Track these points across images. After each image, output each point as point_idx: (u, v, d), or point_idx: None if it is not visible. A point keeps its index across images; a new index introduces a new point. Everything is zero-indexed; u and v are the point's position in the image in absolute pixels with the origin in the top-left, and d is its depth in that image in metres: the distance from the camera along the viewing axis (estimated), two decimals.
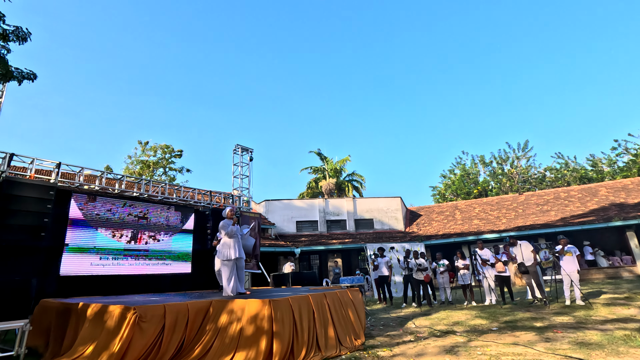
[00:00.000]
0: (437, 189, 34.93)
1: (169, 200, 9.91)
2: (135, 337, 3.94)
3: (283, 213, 19.89)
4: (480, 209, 20.83)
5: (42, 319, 5.56)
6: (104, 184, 8.85)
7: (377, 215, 20.58)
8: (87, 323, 4.53)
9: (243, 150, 12.48)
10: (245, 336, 4.25)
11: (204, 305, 4.72)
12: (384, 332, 6.05)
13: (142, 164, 27.42)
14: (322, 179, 28.68)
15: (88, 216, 8.09)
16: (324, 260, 18.56)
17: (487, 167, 33.11)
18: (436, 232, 18.65)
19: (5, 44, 5.55)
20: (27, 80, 6.03)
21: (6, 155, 7.08)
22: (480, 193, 30.85)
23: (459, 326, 6.12)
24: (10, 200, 6.63)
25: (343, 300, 5.68)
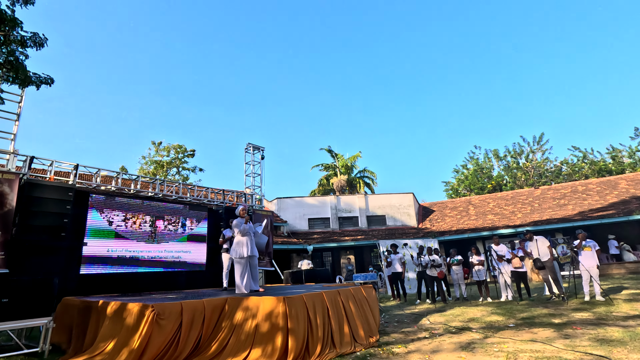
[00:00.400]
0: (450, 184, 34.49)
1: (183, 199, 10.06)
2: (154, 334, 4.03)
3: (295, 210, 19.97)
4: (495, 204, 20.50)
5: (64, 317, 5.73)
6: (120, 185, 9.03)
7: (389, 211, 20.47)
8: (107, 320, 4.66)
9: (254, 148, 12.56)
10: (260, 333, 4.30)
11: (220, 302, 4.79)
12: (399, 328, 6.03)
13: (156, 164, 27.87)
14: (334, 176, 28.65)
15: (106, 216, 8.28)
16: (336, 257, 18.58)
17: (501, 161, 32.51)
18: (449, 228, 18.45)
19: (23, 50, 5.71)
20: (44, 84, 6.19)
21: (27, 158, 7.29)
22: (494, 188, 30.35)
23: (475, 322, 6.05)
24: (31, 201, 6.83)
25: (357, 297, 5.68)
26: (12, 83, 6.00)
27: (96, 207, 8.19)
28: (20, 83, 5.97)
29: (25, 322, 4.51)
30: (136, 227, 8.74)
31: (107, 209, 8.34)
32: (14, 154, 7.04)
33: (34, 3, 5.58)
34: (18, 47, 5.67)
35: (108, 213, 8.35)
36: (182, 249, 9.49)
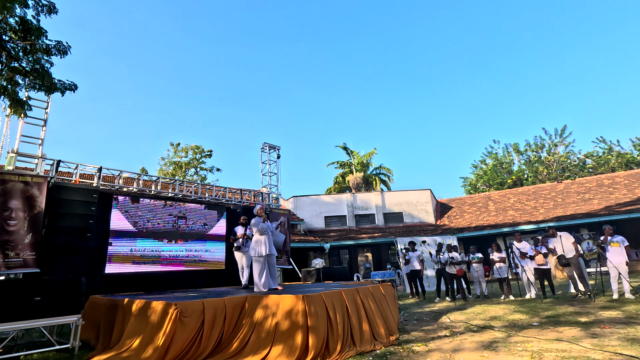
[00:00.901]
0: (468, 179, 33.86)
1: (202, 199, 10.24)
2: (178, 332, 4.14)
3: (311, 209, 20.03)
4: (516, 199, 20.00)
5: (92, 314, 5.95)
6: (141, 186, 9.28)
7: (406, 208, 20.27)
8: (133, 318, 4.81)
9: (270, 148, 12.66)
10: (280, 331, 4.35)
11: (240, 300, 4.87)
12: (418, 326, 5.98)
13: (175, 165, 28.47)
14: (349, 174, 28.57)
15: (129, 217, 8.52)
16: (353, 254, 18.54)
17: (521, 155, 31.66)
18: (468, 225, 18.12)
19: (48, 58, 5.92)
20: (68, 90, 6.41)
21: (54, 162, 7.58)
22: (514, 183, 29.60)
23: (497, 321, 5.94)
24: (59, 204, 7.11)
25: (376, 295, 5.67)
26: (38, 90, 6.23)
27: (119, 208, 8.44)
28: (46, 90, 6.19)
29: (57, 319, 4.70)
30: (157, 227, 8.96)
31: (129, 209, 8.59)
32: (42, 158, 7.33)
33: (57, 12, 5.77)
34: (44, 56, 5.88)
35: (131, 214, 8.59)
36: (201, 248, 9.67)
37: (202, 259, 9.63)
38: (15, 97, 6.25)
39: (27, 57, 5.96)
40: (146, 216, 8.82)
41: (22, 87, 6.40)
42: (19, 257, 6.30)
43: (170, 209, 9.28)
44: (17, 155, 7.09)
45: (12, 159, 6.95)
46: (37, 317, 4.52)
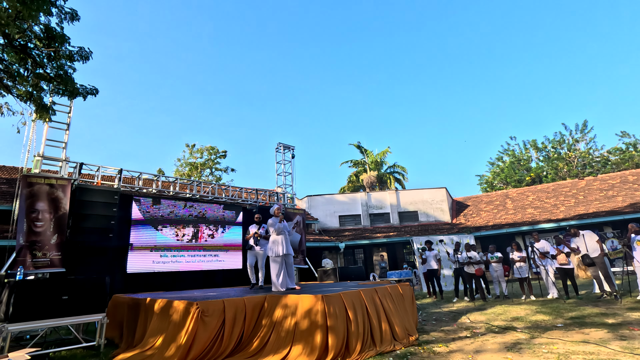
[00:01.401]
0: (485, 177, 33.26)
1: (218, 199, 10.38)
2: (200, 331, 4.20)
3: (325, 208, 20.03)
4: (535, 197, 19.53)
5: (115, 313, 6.10)
6: (160, 187, 9.46)
7: (421, 207, 20.06)
8: (155, 317, 4.91)
9: (285, 148, 12.72)
10: (300, 330, 4.36)
11: (259, 300, 4.91)
12: (438, 327, 5.91)
13: (191, 166, 28.92)
14: (363, 172, 28.45)
15: (149, 217, 8.70)
16: (368, 254, 18.46)
17: (540, 152, 30.87)
18: (486, 223, 17.79)
19: (71, 63, 6.10)
20: (90, 95, 6.59)
21: (77, 164, 7.81)
22: (533, 180, 28.90)
23: (519, 322, 5.81)
24: (82, 205, 7.33)
25: (394, 295, 5.63)
26: (62, 95, 6.43)
27: (139, 209, 8.63)
28: (69, 95, 6.38)
29: (83, 317, 4.84)
30: (175, 227, 9.13)
31: (149, 210, 8.77)
32: (65, 161, 7.56)
33: (79, 19, 5.94)
34: (67, 62, 6.07)
35: (151, 214, 8.77)
36: (218, 247, 9.80)
37: (220, 259, 9.76)
38: (41, 102, 6.46)
39: (51, 63, 6.15)
40: (166, 216, 8.99)
41: (47, 93, 6.62)
42: (46, 257, 6.52)
43: (187, 209, 9.44)
44: (42, 159, 7.33)
45: (38, 162, 7.19)
46: (64, 316, 4.67)
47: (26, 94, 6.38)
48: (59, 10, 5.65)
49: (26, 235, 6.48)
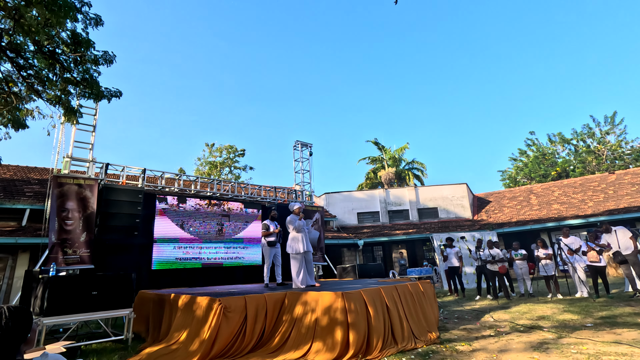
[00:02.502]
0: (507, 172, 32.33)
1: (238, 197, 10.53)
2: (222, 326, 4.29)
3: (343, 205, 19.99)
4: (561, 192, 18.85)
5: (141, 308, 6.31)
6: (182, 186, 9.68)
7: (441, 203, 19.72)
8: (179, 312, 5.04)
9: (303, 145, 12.76)
10: (320, 327, 4.38)
11: (280, 297, 4.96)
12: (460, 325, 5.81)
13: (210, 165, 29.47)
14: (381, 169, 28.22)
15: (172, 215, 8.93)
16: (387, 251, 18.32)
17: (566, 145, 29.71)
18: (509, 219, 17.32)
19: (96, 67, 6.32)
20: (114, 97, 6.81)
21: (103, 165, 8.09)
22: (559, 175, 27.87)
23: (545, 321, 5.64)
24: (108, 204, 7.60)
25: (415, 293, 5.57)
26: (88, 98, 6.67)
27: (163, 207, 8.86)
28: (94, 98, 6.62)
29: (111, 312, 5.03)
30: (197, 224, 9.33)
31: (171, 208, 9.00)
32: (92, 162, 7.85)
33: (103, 24, 6.14)
34: (92, 66, 6.29)
35: (173, 212, 9.00)
36: (239, 245, 9.96)
37: (240, 255, 9.92)
38: (69, 105, 6.73)
39: (78, 67, 6.39)
40: (188, 214, 9.20)
41: (74, 96, 6.89)
42: (75, 254, 6.80)
43: (208, 206, 9.63)
44: (71, 160, 7.63)
45: (67, 164, 7.49)
46: (94, 310, 4.87)
47: (55, 97, 6.66)
48: (84, 16, 5.85)
49: (57, 234, 6.78)
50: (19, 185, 11.71)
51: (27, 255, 9.72)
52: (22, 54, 6.42)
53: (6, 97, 7.05)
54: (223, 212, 9.82)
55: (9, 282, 9.46)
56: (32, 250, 9.63)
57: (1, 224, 9.95)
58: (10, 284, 9.41)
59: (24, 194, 10.98)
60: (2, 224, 9.97)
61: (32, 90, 6.84)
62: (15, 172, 13.15)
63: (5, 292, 9.31)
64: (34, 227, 9.86)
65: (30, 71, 6.64)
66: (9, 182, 11.84)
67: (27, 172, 13.52)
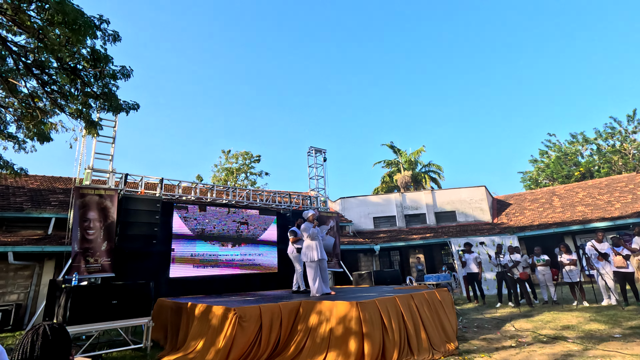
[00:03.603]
0: (528, 173, 31.41)
1: (253, 204, 10.62)
2: (238, 335, 4.31)
3: (359, 210, 19.87)
4: (585, 194, 18.17)
5: (159, 316, 6.43)
6: (198, 194, 9.85)
7: (459, 206, 19.33)
8: (196, 321, 5.11)
9: (317, 151, 12.79)
10: (335, 336, 4.35)
11: (295, 306, 4.96)
12: (479, 334, 5.65)
13: (227, 171, 29.89)
14: (397, 172, 27.95)
15: (189, 224, 9.08)
16: (404, 256, 18.07)
17: (590, 145, 28.65)
18: (530, 223, 16.80)
19: (114, 82, 6.53)
20: (132, 110, 7.01)
21: (122, 175, 8.32)
22: (583, 175, 26.89)
23: (570, 331, 5.42)
24: (127, 213, 7.80)
25: (432, 301, 5.46)
26: (107, 111, 6.90)
27: (180, 216, 9.03)
28: (113, 111, 6.83)
29: (131, 321, 5.14)
30: (214, 231, 9.45)
31: (189, 217, 9.16)
32: (112, 173, 8.08)
33: (121, 39, 6.34)
34: (111, 80, 6.50)
35: (190, 220, 9.15)
36: (255, 252, 10.03)
37: (256, 262, 9.99)
38: (89, 118, 6.97)
39: (97, 82, 6.62)
40: (205, 222, 9.34)
41: (94, 110, 7.13)
42: (97, 263, 7.00)
43: (225, 214, 9.75)
44: (92, 171, 7.88)
45: (88, 175, 7.74)
46: (114, 319, 4.98)
47: (77, 111, 6.92)
48: (103, 33, 6.05)
49: (80, 243, 7.00)
50: (45, 195, 12.17)
51: (52, 262, 10.07)
52: (46, 70, 6.71)
53: (32, 112, 7.38)
54: (239, 219, 9.92)
55: (36, 289, 9.81)
56: (57, 258, 9.97)
57: (29, 232, 10.36)
58: (37, 291, 9.76)
59: (50, 203, 11.40)
60: (30, 232, 10.38)
61: (55, 105, 7.12)
62: (42, 182, 13.68)
63: (32, 299, 9.66)
64: (59, 235, 10.21)
65: (54, 86, 6.93)
66: (36, 192, 12.33)
67: (52, 181, 14.05)
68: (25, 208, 10.57)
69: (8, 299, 9.36)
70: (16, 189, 12.15)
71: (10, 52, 6.27)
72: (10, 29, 6.69)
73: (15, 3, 5.26)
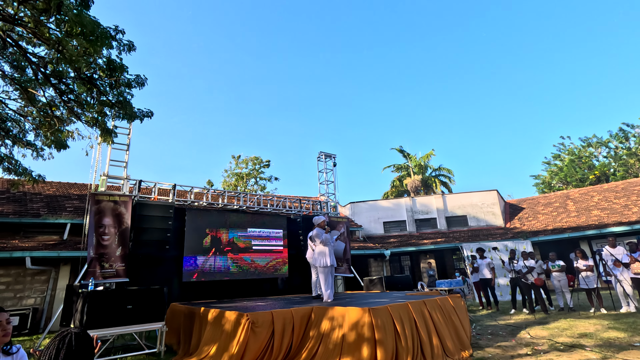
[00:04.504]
0: (541, 177, 30.92)
1: (264, 210, 10.68)
2: (251, 341, 4.33)
3: (369, 214, 19.79)
4: (601, 197, 17.79)
5: (173, 321, 6.49)
6: (210, 200, 9.95)
7: (470, 211, 19.11)
8: (209, 326, 5.15)
9: (326, 156, 12.82)
10: (347, 343, 4.33)
11: (306, 312, 4.96)
12: (494, 342, 5.56)
13: (237, 176, 30.12)
14: (407, 177, 27.79)
15: (199, 228, 9.17)
16: (415, 261, 17.91)
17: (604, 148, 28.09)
18: (544, 227, 16.50)
19: (129, 90, 6.68)
20: (146, 117, 7.15)
21: (136, 182, 8.46)
22: (598, 178, 26.34)
23: (588, 339, 5.29)
24: (141, 219, 7.92)
25: (445, 308, 5.40)
26: (122, 119, 7.05)
27: (192, 221, 9.13)
28: (128, 118, 6.98)
29: (145, 325, 5.21)
30: (225, 236, 9.52)
31: (200, 221, 9.25)
32: (127, 179, 8.23)
33: (135, 49, 6.49)
34: (125, 89, 6.65)
35: (201, 226, 9.24)
36: (265, 257, 10.06)
37: (267, 267, 10.02)
38: (104, 126, 7.13)
39: (113, 91, 6.78)
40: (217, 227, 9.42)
41: (109, 118, 7.30)
42: (112, 268, 7.12)
43: (236, 219, 9.82)
44: (107, 178, 8.04)
45: (103, 181, 7.90)
46: (129, 324, 5.06)
47: (92, 119, 7.08)
48: (118, 43, 6.21)
49: (95, 248, 7.13)
50: (61, 201, 12.45)
51: (68, 267, 10.27)
52: (64, 80, 6.90)
53: (50, 120, 7.58)
54: (251, 224, 9.99)
55: (52, 293, 10.01)
56: (72, 263, 10.16)
57: (45, 237, 10.59)
58: (53, 295, 9.95)
59: (65, 209, 11.65)
60: (46, 237, 10.60)
61: (72, 113, 7.31)
62: (58, 188, 14.00)
63: (48, 303, 9.85)
64: (75, 240, 10.42)
65: (71, 96, 7.11)
66: (52, 198, 12.61)
67: (67, 188, 14.37)
68: (42, 214, 10.82)
69: (25, 303, 9.56)
70: (33, 195, 12.45)
71: (30, 63, 6.48)
72: (30, 40, 6.92)
73: (35, 16, 5.44)
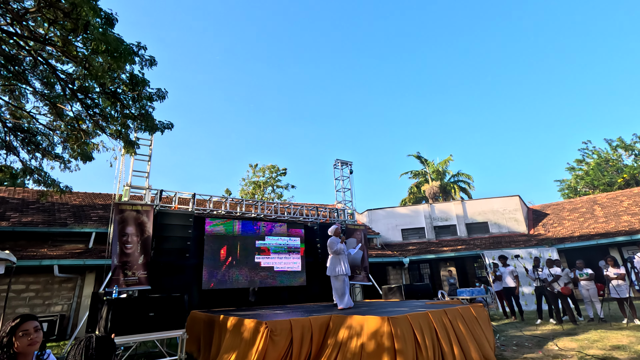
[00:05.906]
0: (566, 182, 29.88)
1: (281, 217, 10.75)
2: (269, 349, 4.34)
3: (387, 222, 19.60)
4: (631, 202, 17.02)
5: (193, 328, 6.57)
6: (229, 208, 10.10)
7: (491, 217, 18.63)
8: (228, 334, 5.19)
9: (343, 164, 12.82)
10: (367, 352, 4.27)
11: (325, 320, 4.94)
12: (519, 353, 5.37)
13: (254, 185, 30.48)
14: (424, 183, 27.42)
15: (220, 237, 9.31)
16: (435, 269, 17.55)
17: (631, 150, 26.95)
18: (570, 234, 15.90)
19: (151, 103, 6.92)
20: (167, 129, 7.38)
21: (158, 191, 8.70)
22: (627, 182, 25.24)
23: (621, 351, 5.04)
24: (162, 228, 8.11)
25: (467, 318, 5.27)
26: (144, 131, 7.30)
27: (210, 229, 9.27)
28: (149, 130, 7.22)
29: (166, 333, 5.30)
30: (244, 244, 9.62)
31: (218, 230, 9.39)
32: (149, 189, 8.47)
33: (156, 64, 6.74)
34: (147, 102, 6.89)
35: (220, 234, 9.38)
36: (283, 265, 10.10)
37: (285, 276, 10.04)
38: (127, 138, 7.39)
39: (135, 104, 7.04)
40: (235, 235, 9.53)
41: (132, 130, 7.56)
42: (134, 276, 7.30)
43: (254, 228, 9.92)
44: (130, 188, 8.30)
45: (127, 191, 8.16)
46: (151, 331, 5.15)
47: (116, 132, 7.36)
48: (141, 59, 6.46)
49: (119, 257, 7.35)
50: (87, 211, 12.90)
51: (93, 275, 10.60)
52: (90, 95, 7.22)
53: (77, 134, 7.92)
54: (269, 232, 10.06)
55: (78, 300, 10.33)
56: (97, 271, 10.48)
57: (72, 246, 10.98)
58: (79, 302, 10.27)
59: (91, 219, 12.07)
60: (73, 246, 10.99)
61: (97, 127, 7.62)
62: (84, 198, 14.53)
63: (74, 310, 10.17)
64: (99, 248, 10.76)
65: (96, 110, 7.42)
66: (78, 208, 13.10)
67: (93, 198, 14.89)
68: (68, 223, 11.24)
69: (53, 310, 9.90)
70: (61, 205, 12.97)
71: (59, 80, 6.81)
72: (59, 58, 7.28)
73: (64, 35, 5.74)
